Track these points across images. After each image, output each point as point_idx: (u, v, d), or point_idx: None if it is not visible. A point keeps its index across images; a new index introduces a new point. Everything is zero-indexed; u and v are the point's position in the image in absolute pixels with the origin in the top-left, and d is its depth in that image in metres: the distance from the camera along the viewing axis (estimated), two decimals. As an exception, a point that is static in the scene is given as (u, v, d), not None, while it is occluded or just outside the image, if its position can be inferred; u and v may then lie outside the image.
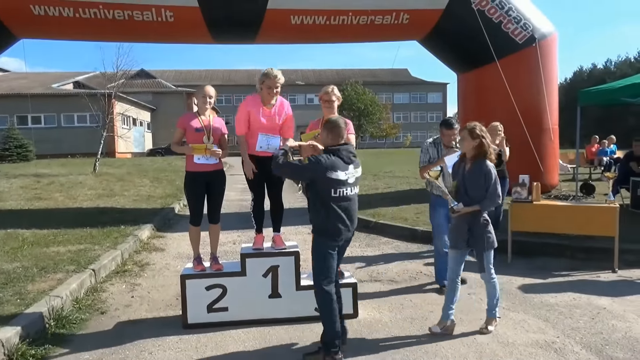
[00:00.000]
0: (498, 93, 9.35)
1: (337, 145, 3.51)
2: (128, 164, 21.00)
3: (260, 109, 4.37)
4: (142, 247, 6.83)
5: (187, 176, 4.47)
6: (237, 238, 7.42)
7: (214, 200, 4.51)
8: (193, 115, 4.52)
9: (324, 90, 4.43)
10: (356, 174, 3.52)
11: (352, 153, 3.53)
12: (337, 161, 3.48)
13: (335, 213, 3.43)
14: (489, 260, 3.85)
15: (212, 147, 4.33)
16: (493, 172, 3.72)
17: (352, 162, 3.50)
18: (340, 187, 3.43)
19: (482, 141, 3.75)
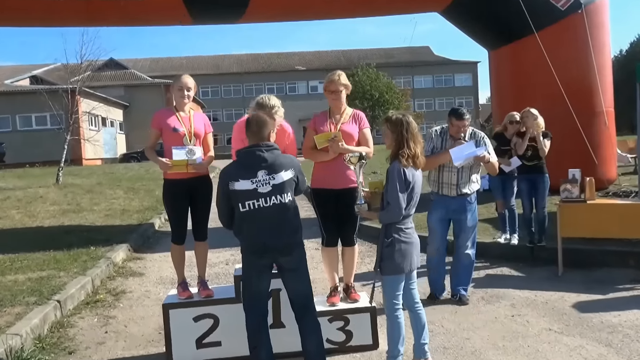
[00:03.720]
0: (538, 71, 9.31)
1: (247, 149, 3.54)
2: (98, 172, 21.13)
3: None
4: (117, 272, 6.84)
5: (166, 185, 4.48)
6: (230, 257, 7.42)
7: (199, 213, 4.50)
8: (169, 111, 4.53)
9: (329, 78, 4.44)
10: (277, 179, 3.45)
11: (262, 155, 3.45)
12: (236, 168, 3.50)
13: (251, 231, 3.46)
14: (388, 288, 3.66)
15: (195, 160, 4.34)
16: (393, 177, 3.59)
17: (260, 167, 3.45)
18: (248, 199, 3.42)
19: (402, 137, 3.66)
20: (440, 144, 5.02)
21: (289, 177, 3.51)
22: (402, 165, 3.60)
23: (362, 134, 4.40)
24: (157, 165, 4.44)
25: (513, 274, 6.15)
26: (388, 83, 51.30)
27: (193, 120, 4.52)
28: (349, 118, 4.43)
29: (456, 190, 5.00)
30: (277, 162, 3.50)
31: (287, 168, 3.52)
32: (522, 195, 6.71)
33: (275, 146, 3.56)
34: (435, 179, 5.06)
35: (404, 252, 3.63)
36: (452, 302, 5.16)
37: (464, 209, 5.04)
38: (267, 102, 4.22)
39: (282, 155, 3.57)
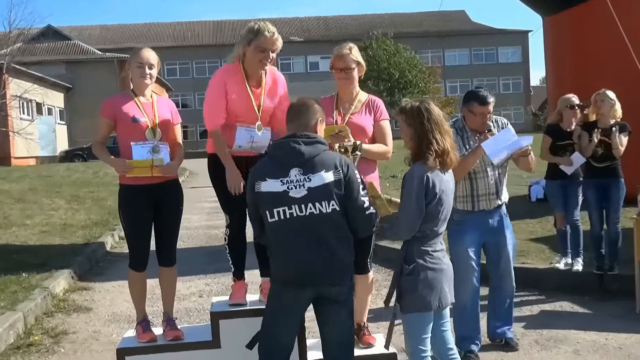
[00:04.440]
0: (608, 42, 9.31)
1: (280, 140, 3.62)
2: (31, 175, 21.14)
3: (244, 87, 4.41)
4: (57, 307, 6.85)
5: (123, 192, 4.50)
6: (204, 288, 7.42)
7: (166, 229, 4.52)
8: (126, 96, 4.56)
9: (337, 52, 4.45)
10: (314, 180, 3.45)
11: (297, 149, 3.47)
12: (265, 164, 3.54)
13: (282, 250, 3.46)
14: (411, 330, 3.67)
15: (162, 160, 4.35)
16: (410, 183, 3.60)
17: (294, 163, 3.46)
18: (277, 205, 3.43)
19: (424, 129, 3.67)
20: (464, 143, 4.85)
21: (331, 180, 3.47)
22: (427, 167, 3.60)
23: (378, 127, 4.41)
24: (110, 166, 4.45)
25: (576, 311, 6.14)
26: (411, 59, 51.54)
27: (157, 107, 4.54)
28: (361, 106, 4.44)
29: (496, 200, 4.92)
30: (317, 158, 3.49)
31: (329, 167, 3.48)
32: (589, 206, 6.71)
33: (319, 139, 3.57)
34: (466, 193, 4.88)
35: (431, 283, 3.62)
36: (495, 348, 5.15)
37: (503, 224, 4.97)
38: (265, 27, 4.31)
39: (327, 151, 3.58)
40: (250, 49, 4.35)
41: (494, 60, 67.73)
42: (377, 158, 4.40)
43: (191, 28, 69.88)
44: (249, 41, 4.34)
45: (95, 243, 9.75)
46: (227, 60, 4.60)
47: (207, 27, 69.48)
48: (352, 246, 3.55)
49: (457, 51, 67.62)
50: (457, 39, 66.83)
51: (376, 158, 4.39)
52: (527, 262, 7.22)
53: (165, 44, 61.78)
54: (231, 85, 4.41)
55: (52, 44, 47.27)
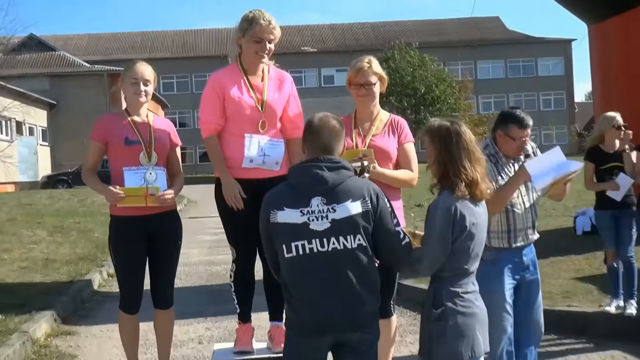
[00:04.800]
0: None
1: (301, 164, 3.58)
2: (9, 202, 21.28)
3: (242, 83, 4.51)
4: (37, 354, 6.84)
5: (114, 224, 4.54)
6: (204, 332, 7.41)
7: (161, 265, 4.56)
8: (118, 116, 4.64)
9: (355, 66, 4.50)
10: (339, 212, 3.42)
11: (320, 175, 3.44)
12: (283, 192, 3.51)
13: (299, 291, 3.42)
14: None
15: (158, 187, 4.41)
16: (434, 214, 3.59)
17: (316, 191, 3.43)
18: (295, 239, 3.40)
19: (452, 155, 3.67)
20: (498, 170, 4.76)
21: (359, 212, 3.44)
22: (454, 196, 3.61)
23: (402, 151, 4.46)
24: (100, 194, 4.50)
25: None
26: (439, 71, 51.57)
27: (153, 127, 4.61)
28: (383, 127, 4.48)
29: (533, 234, 4.89)
30: (343, 186, 3.46)
31: (356, 197, 3.45)
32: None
33: (343, 164, 3.54)
34: (501, 228, 4.78)
35: (462, 330, 3.59)
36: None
37: (535, 262, 4.95)
38: (260, 14, 4.42)
39: (354, 178, 3.55)
40: (245, 40, 4.49)
41: (533, 73, 67.77)
42: (401, 185, 4.42)
43: (190, 37, 70.46)
44: (243, 32, 4.48)
45: (81, 281, 9.75)
46: None
47: (208, 36, 69.98)
48: (378, 289, 3.52)
49: (490, 63, 67.75)
50: (490, 49, 67.01)
51: (400, 185, 4.42)
52: (573, 304, 7.16)
53: (161, 55, 62.45)
54: (228, 84, 4.51)
55: (34, 55, 47.82)
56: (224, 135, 4.56)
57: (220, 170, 4.45)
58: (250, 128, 4.47)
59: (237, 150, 4.44)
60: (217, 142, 4.50)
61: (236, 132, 4.48)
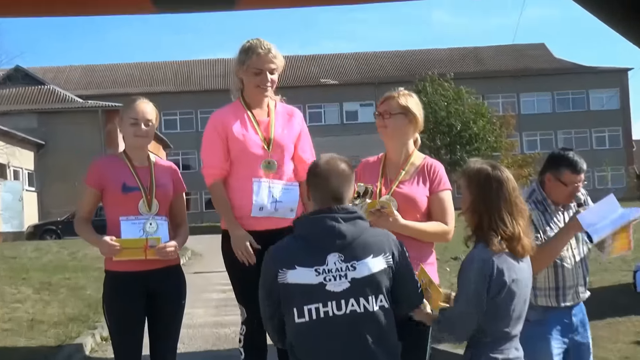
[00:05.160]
0: None
1: (312, 215, 3.56)
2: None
3: (246, 118, 4.60)
4: None
5: (109, 281, 4.57)
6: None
7: (162, 328, 4.59)
8: (115, 159, 4.71)
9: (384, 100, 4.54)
10: (359, 269, 3.41)
11: (336, 228, 3.41)
12: (293, 247, 3.46)
13: (308, 355, 3.39)
14: None
15: (159, 239, 4.46)
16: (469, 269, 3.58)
17: (333, 247, 3.40)
18: (309, 302, 3.36)
19: (490, 204, 3.68)
20: (545, 219, 4.77)
21: (381, 268, 3.44)
22: (491, 250, 3.60)
23: (435, 200, 4.42)
24: (95, 246, 4.54)
25: None
26: (477, 105, 51.55)
27: (154, 172, 4.67)
28: (414, 172, 4.49)
29: (584, 291, 4.87)
30: (362, 240, 3.45)
31: (377, 252, 3.46)
32: None
33: (359, 214, 3.55)
34: (549, 285, 4.78)
35: None
36: None
37: (586, 323, 4.91)
38: (258, 43, 4.52)
39: (371, 229, 3.56)
40: (244, 73, 4.60)
41: (584, 107, 67.57)
42: (431, 240, 4.40)
43: (194, 69, 71.01)
44: (241, 63, 4.59)
45: (71, 345, 9.74)
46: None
47: (215, 68, 70.25)
48: (399, 354, 3.51)
49: (536, 96, 67.71)
50: (535, 80, 67.07)
51: (430, 240, 4.39)
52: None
53: (162, 89, 62.95)
54: (230, 121, 4.60)
55: (21, 89, 48.24)
56: (229, 180, 4.63)
57: (227, 220, 4.48)
58: (258, 170, 4.53)
59: (245, 198, 4.50)
60: (222, 189, 4.57)
61: (242, 176, 4.55)
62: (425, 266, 4.14)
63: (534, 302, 4.66)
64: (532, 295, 4.67)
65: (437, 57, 68.36)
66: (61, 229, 35.69)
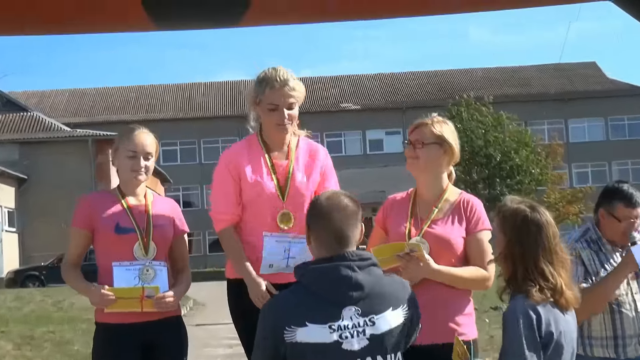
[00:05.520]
0: None
1: (320, 263, 3.45)
2: (-35, 306, 21.45)
3: (262, 161, 4.60)
4: None
5: (100, 334, 4.59)
6: None
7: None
8: (108, 195, 4.74)
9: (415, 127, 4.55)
10: (379, 325, 3.39)
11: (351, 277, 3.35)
12: (301, 300, 3.39)
13: None
14: None
15: (157, 288, 4.47)
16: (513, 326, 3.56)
17: (348, 300, 3.34)
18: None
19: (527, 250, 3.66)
20: (599, 261, 4.78)
21: (400, 323, 3.42)
22: (531, 300, 3.59)
23: (473, 242, 4.40)
24: (84, 295, 4.55)
25: None
26: (519, 132, 51.34)
27: (152, 211, 4.68)
28: (448, 209, 4.49)
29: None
30: (379, 291, 3.42)
31: (395, 304, 3.44)
32: None
33: (372, 259, 3.49)
34: (605, 333, 4.76)
35: None
36: None
37: None
38: (275, 73, 4.51)
39: (386, 278, 3.52)
40: (259, 109, 4.61)
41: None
42: (468, 287, 4.37)
43: (198, 92, 71.39)
44: (255, 98, 4.59)
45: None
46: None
47: (221, 91, 70.75)
48: None
49: (586, 121, 67.62)
50: (586, 104, 66.97)
51: (467, 287, 4.36)
52: None
53: (161, 116, 63.38)
54: (243, 162, 4.60)
55: (0, 116, 48.59)
56: (239, 229, 4.64)
57: (241, 267, 4.47)
58: (270, 223, 4.53)
59: (254, 253, 4.51)
60: (233, 235, 4.57)
61: (253, 227, 4.57)
62: (462, 317, 4.13)
63: (589, 354, 4.67)
64: (587, 345, 4.71)
65: (472, 78, 68.50)
66: (45, 275, 35.80)
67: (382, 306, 3.39)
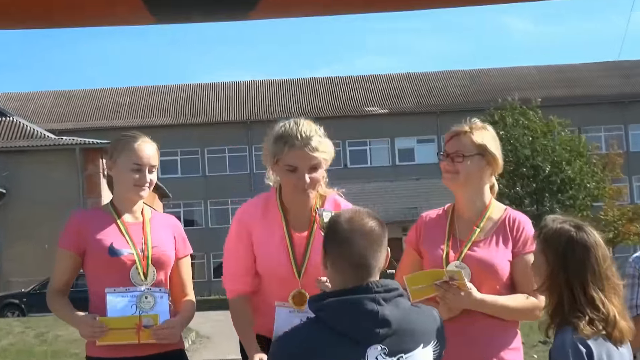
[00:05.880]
0: None
1: (341, 295, 3.38)
2: None
3: (278, 233, 4.55)
4: None
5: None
6: None
7: None
8: (100, 212, 4.77)
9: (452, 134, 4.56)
10: None
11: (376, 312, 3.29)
12: (317, 340, 3.34)
13: None
14: None
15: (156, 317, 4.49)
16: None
17: (374, 337, 3.29)
18: None
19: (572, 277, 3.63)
20: None
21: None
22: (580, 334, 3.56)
23: (520, 265, 4.40)
24: (73, 326, 4.57)
25: None
26: (572, 141, 51.10)
27: (150, 230, 4.70)
28: (492, 228, 4.50)
29: None
30: (408, 326, 3.38)
31: (427, 340, 3.41)
32: None
33: (399, 289, 3.43)
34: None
35: None
36: None
37: None
38: (293, 128, 4.39)
39: (414, 309, 3.48)
40: (277, 169, 4.50)
41: None
42: (517, 318, 4.37)
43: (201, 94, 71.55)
44: (272, 156, 4.48)
45: None
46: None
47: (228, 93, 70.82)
48: None
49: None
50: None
51: (514, 317, 4.37)
52: None
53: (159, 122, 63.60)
54: (256, 228, 4.56)
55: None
56: (255, 292, 4.63)
57: (246, 344, 4.46)
58: (284, 296, 4.51)
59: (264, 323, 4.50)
60: (244, 306, 4.56)
61: (263, 300, 4.59)
62: (508, 353, 4.13)
63: None
64: None
65: (518, 77, 68.43)
66: (26, 303, 35.89)
67: (411, 344, 3.36)
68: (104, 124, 62.26)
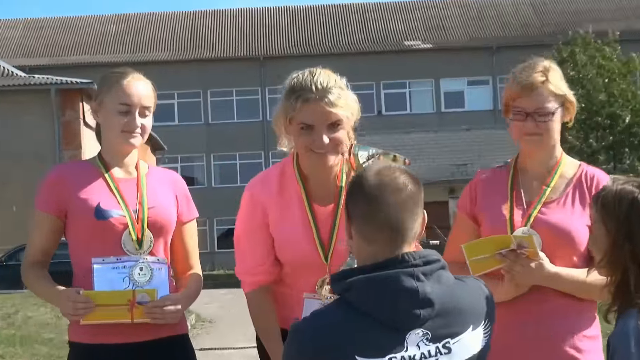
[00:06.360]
0: None
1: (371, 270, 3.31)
2: None
3: (299, 208, 4.54)
4: None
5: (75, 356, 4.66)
6: None
7: None
8: (85, 166, 4.80)
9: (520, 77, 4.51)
10: (456, 351, 3.34)
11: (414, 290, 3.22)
12: (345, 326, 3.28)
13: None
14: None
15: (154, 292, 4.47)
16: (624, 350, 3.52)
17: (414, 320, 3.24)
18: None
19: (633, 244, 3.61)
20: None
21: (483, 346, 3.40)
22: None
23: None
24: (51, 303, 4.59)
25: None
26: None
27: (146, 188, 4.70)
28: (565, 187, 4.51)
29: None
30: (453, 304, 3.34)
31: (476, 320, 3.38)
32: None
33: (441, 261, 3.36)
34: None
35: None
36: None
37: None
38: (306, 78, 4.33)
39: (459, 283, 3.42)
40: (290, 130, 4.45)
41: None
42: (598, 298, 4.35)
43: (203, 24, 71.64)
44: (284, 113, 4.43)
45: None
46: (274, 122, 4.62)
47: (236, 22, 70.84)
48: None
49: None
50: None
51: (596, 298, 4.35)
52: None
53: (153, 57, 63.58)
54: (273, 207, 4.53)
55: None
56: (275, 287, 4.64)
57: (268, 343, 4.51)
58: (311, 285, 4.51)
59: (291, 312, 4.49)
60: (264, 300, 4.58)
61: (291, 286, 4.60)
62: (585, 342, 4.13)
63: None
64: None
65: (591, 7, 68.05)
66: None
67: (459, 326, 3.34)
68: (85, 59, 62.39)
